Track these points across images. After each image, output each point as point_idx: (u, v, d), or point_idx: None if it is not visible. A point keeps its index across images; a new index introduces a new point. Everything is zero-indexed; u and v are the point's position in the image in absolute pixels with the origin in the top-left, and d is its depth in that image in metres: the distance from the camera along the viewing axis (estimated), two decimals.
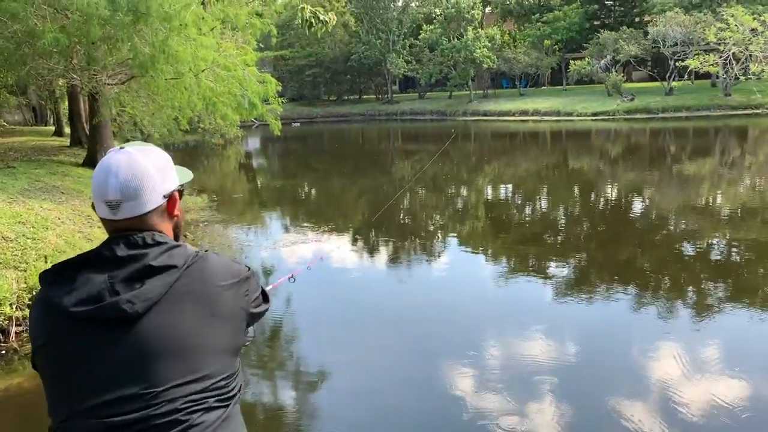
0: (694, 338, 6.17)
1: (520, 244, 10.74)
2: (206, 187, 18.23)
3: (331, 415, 4.94)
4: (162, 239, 1.45)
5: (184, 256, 1.45)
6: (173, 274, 1.41)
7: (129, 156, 1.47)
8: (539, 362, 5.69)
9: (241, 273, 1.58)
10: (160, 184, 1.49)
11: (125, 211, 1.44)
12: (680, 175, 18.42)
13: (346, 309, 7.32)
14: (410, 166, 24.16)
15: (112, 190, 1.42)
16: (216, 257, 1.57)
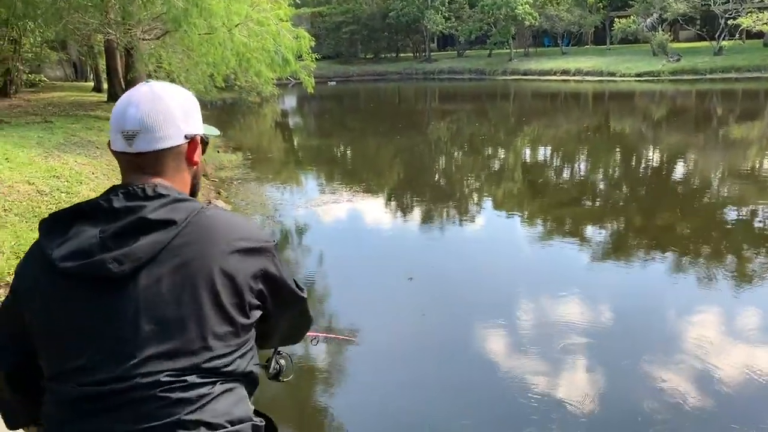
0: (733, 306, 6.00)
1: (558, 207, 10.54)
2: (242, 144, 18.27)
3: (361, 378, 4.89)
4: (166, 191, 1.29)
5: (188, 210, 1.28)
6: (170, 231, 1.25)
7: (152, 89, 1.36)
8: (574, 326, 5.60)
9: (260, 238, 1.37)
10: (182, 122, 1.36)
11: (141, 143, 1.31)
12: (726, 139, 17.79)
13: (380, 270, 7.25)
14: (446, 127, 23.82)
15: (131, 121, 1.31)
16: (227, 214, 1.41)
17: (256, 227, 1.40)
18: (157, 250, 1.24)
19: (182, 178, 1.40)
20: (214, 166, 12.77)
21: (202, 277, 1.26)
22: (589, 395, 4.36)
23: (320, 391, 4.70)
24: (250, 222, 1.41)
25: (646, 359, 4.83)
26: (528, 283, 6.80)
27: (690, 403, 4.22)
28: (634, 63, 41.07)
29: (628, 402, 4.26)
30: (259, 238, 1.37)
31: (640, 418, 4.00)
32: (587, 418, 4.04)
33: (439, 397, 4.48)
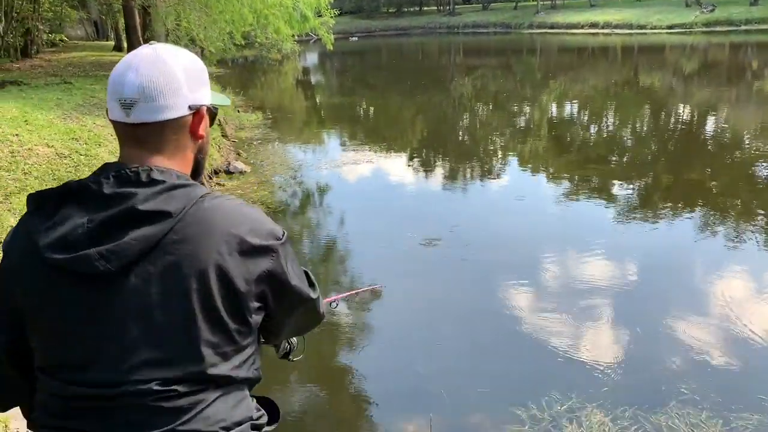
0: (757, 263, 5.91)
1: (584, 164, 10.34)
2: (263, 103, 18.15)
3: (378, 338, 4.84)
4: (161, 176, 1.14)
5: (185, 199, 1.14)
6: (163, 224, 1.11)
7: (155, 51, 1.20)
8: (600, 284, 5.55)
9: (266, 234, 1.21)
10: (187, 90, 1.21)
11: (140, 112, 1.16)
12: (760, 93, 17.22)
13: (402, 229, 7.15)
14: (471, 83, 23.40)
15: (129, 87, 1.15)
16: (230, 204, 1.21)
17: (263, 220, 1.24)
18: (148, 246, 1.11)
19: (184, 155, 1.25)
20: (234, 126, 12.68)
21: (196, 280, 1.12)
22: (613, 357, 4.27)
23: (337, 349, 4.66)
24: (257, 213, 1.25)
25: (673, 320, 4.70)
26: (554, 241, 6.65)
27: (716, 367, 4.11)
28: (666, 14, 39.80)
29: (653, 365, 4.15)
30: (265, 234, 1.21)
31: (664, 386, 3.90)
32: (610, 381, 3.95)
33: (459, 357, 4.42)
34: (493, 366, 4.31)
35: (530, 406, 3.73)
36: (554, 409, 3.70)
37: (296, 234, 7.51)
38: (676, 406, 3.68)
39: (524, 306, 5.15)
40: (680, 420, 3.56)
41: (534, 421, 3.63)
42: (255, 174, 9.30)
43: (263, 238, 1.20)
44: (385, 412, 3.96)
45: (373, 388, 4.18)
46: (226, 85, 19.70)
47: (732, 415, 3.59)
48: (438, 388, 4.00)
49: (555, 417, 3.65)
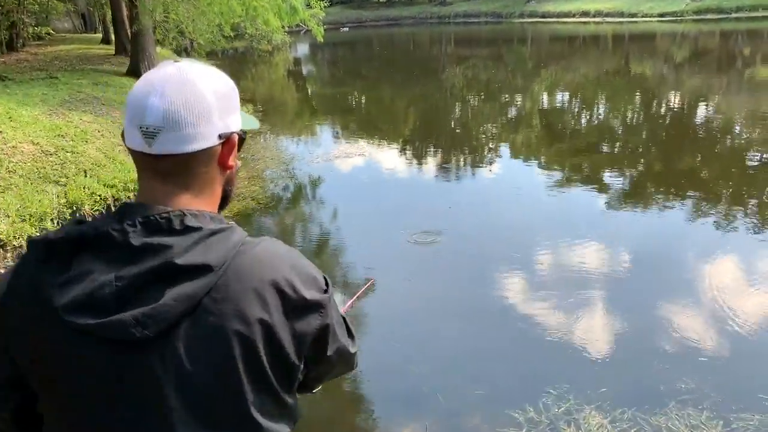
0: (753, 253, 5.94)
1: (576, 153, 10.41)
2: (253, 95, 17.98)
3: (377, 334, 4.76)
4: (196, 222, 1.01)
5: (226, 248, 1.01)
6: (206, 279, 0.98)
7: (182, 72, 1.04)
8: (591, 271, 5.60)
9: (319, 282, 1.10)
10: (218, 117, 1.05)
11: (165, 143, 1.01)
12: (751, 81, 17.22)
13: (396, 221, 7.07)
14: (462, 73, 23.28)
15: (152, 114, 1.01)
16: (273, 248, 1.08)
17: (308, 268, 1.11)
18: (190, 306, 0.97)
19: (213, 190, 1.11)
20: None
21: (242, 344, 1.00)
22: (611, 357, 4.21)
23: None
24: (299, 259, 1.11)
25: (671, 318, 4.64)
26: (547, 232, 6.61)
27: (715, 366, 4.06)
28: (656, 3, 39.74)
29: (652, 365, 4.08)
30: (312, 285, 1.08)
31: (663, 386, 3.84)
32: (609, 381, 3.89)
33: (455, 357, 4.35)
34: (490, 366, 4.24)
35: (527, 409, 3.67)
36: (552, 412, 3.63)
37: (288, 228, 7.43)
38: (675, 406, 3.62)
39: (520, 304, 5.08)
40: (680, 421, 3.50)
41: (531, 424, 3.56)
42: (245, 168, 9.18)
43: (311, 290, 1.07)
44: (379, 415, 3.88)
45: (366, 389, 4.09)
46: None
47: (732, 415, 3.53)
48: (433, 389, 3.93)
49: (553, 420, 3.58)
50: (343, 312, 1.90)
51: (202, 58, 24.40)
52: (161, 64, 1.09)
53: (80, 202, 6.25)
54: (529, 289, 5.33)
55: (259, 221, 7.36)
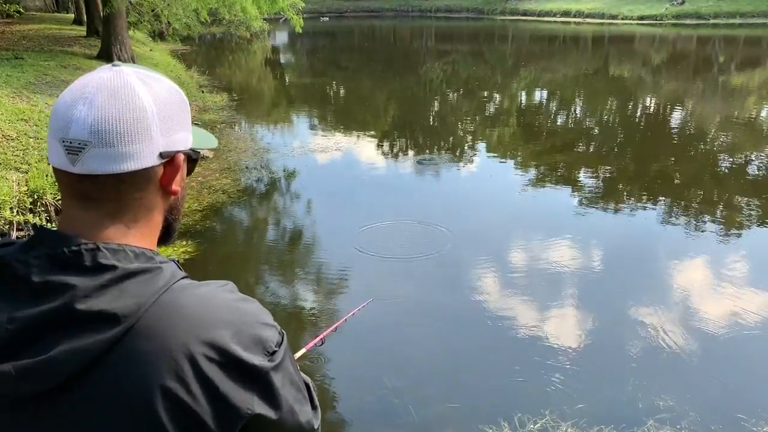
0: (722, 253, 6.11)
1: (552, 152, 10.44)
2: (230, 83, 17.64)
3: (348, 344, 4.59)
4: (112, 259, 0.83)
5: (143, 294, 0.82)
6: (108, 332, 0.79)
7: (120, 78, 0.87)
8: (566, 267, 5.68)
9: (263, 341, 0.87)
10: (158, 132, 0.88)
11: (91, 161, 0.84)
12: (725, 87, 17.38)
13: (372, 218, 6.91)
14: (442, 69, 23.14)
15: (78, 126, 0.83)
16: (207, 293, 0.88)
17: (256, 329, 0.87)
18: (85, 364, 0.78)
19: (149, 219, 0.93)
20: (197, 108, 12.22)
21: (145, 421, 0.79)
22: (588, 372, 4.11)
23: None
24: (246, 315, 0.88)
25: (651, 334, 4.55)
26: (524, 234, 6.64)
27: (695, 383, 3.98)
28: (637, 5, 40.02)
29: (630, 380, 3.98)
30: (258, 349, 0.86)
31: (641, 403, 3.74)
32: (585, 397, 3.78)
33: (428, 369, 4.21)
34: (464, 379, 4.09)
35: (502, 425, 3.54)
36: (527, 428, 3.51)
37: (261, 225, 7.23)
38: (653, 425, 3.52)
39: (496, 315, 4.93)
40: None
41: None
42: (218, 160, 8.93)
43: (251, 354, 0.84)
44: (348, 428, 3.73)
45: (337, 401, 3.94)
46: (191, 64, 19.12)
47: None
48: (406, 402, 3.78)
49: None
50: (319, 339, 1.65)
51: (178, 43, 23.96)
52: (99, 68, 0.90)
53: (42, 190, 5.99)
54: (504, 299, 5.19)
55: (230, 215, 7.14)
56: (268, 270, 5.93)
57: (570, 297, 5.14)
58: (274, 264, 6.09)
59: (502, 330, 4.65)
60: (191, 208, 6.85)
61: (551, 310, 4.92)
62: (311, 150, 10.03)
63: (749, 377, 4.12)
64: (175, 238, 1.03)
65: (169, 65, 15.73)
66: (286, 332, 0.95)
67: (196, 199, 7.15)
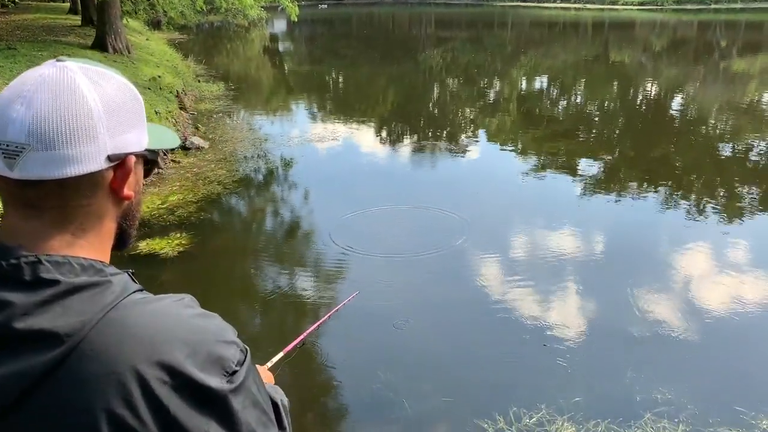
0: (723, 239, 6.09)
1: (552, 138, 10.40)
2: (227, 72, 17.52)
3: (341, 336, 4.54)
4: (54, 273, 0.76)
5: (87, 311, 0.75)
6: (49, 352, 0.73)
7: (63, 74, 0.79)
8: (565, 256, 5.67)
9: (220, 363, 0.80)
10: (106, 133, 0.80)
11: (30, 165, 0.77)
12: (726, 72, 17.25)
13: (371, 202, 6.86)
14: (441, 56, 22.98)
15: (15, 127, 0.77)
16: (161, 308, 0.82)
17: (214, 347, 0.80)
18: (23, 388, 0.72)
19: (99, 227, 0.85)
20: (194, 98, 12.11)
21: None
22: (585, 364, 4.05)
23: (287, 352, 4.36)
24: (205, 334, 0.81)
25: (648, 326, 4.50)
26: (523, 221, 6.62)
27: (692, 376, 3.93)
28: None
29: (627, 373, 3.92)
30: (216, 369, 0.79)
31: (639, 396, 3.68)
32: (582, 390, 3.73)
33: (423, 361, 4.15)
34: (459, 373, 4.03)
35: (497, 418, 3.49)
36: (523, 422, 3.46)
37: (257, 216, 7.17)
38: (651, 419, 3.47)
39: (492, 306, 4.85)
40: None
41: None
42: (213, 150, 8.85)
43: (207, 375, 0.77)
44: (342, 421, 3.69)
45: (330, 394, 3.89)
46: (188, 53, 18.96)
47: (709, 429, 3.39)
48: (400, 396, 3.72)
49: (523, 431, 3.41)
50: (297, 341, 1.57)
51: (175, 32, 23.81)
52: (42, 64, 0.83)
53: None
54: (500, 290, 5.13)
55: (226, 206, 7.07)
56: (262, 261, 5.86)
57: (567, 288, 5.08)
58: (268, 255, 6.02)
59: (498, 323, 4.59)
60: (186, 200, 6.78)
61: (548, 301, 4.86)
62: (309, 139, 9.95)
63: (748, 369, 4.06)
64: (131, 245, 0.95)
65: (165, 54, 15.61)
66: (279, 324, 0.88)
67: (191, 191, 7.08)
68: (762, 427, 3.41)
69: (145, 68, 12.12)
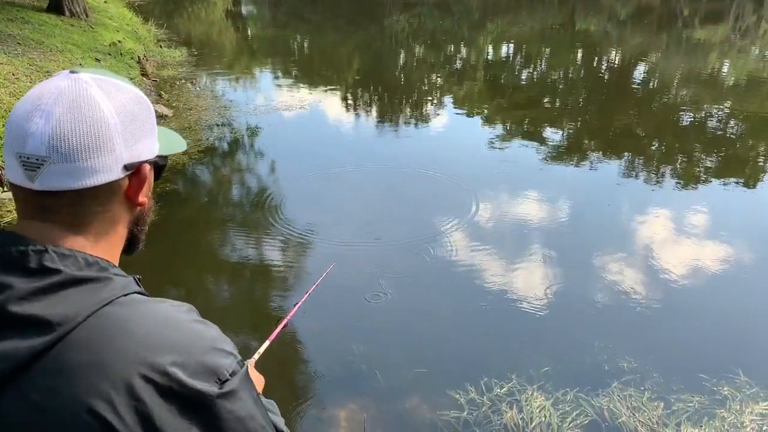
0: (682, 206, 6.29)
1: (515, 107, 10.45)
2: (189, 37, 17.07)
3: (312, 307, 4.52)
4: (59, 263, 0.78)
5: (84, 303, 0.76)
6: (38, 338, 0.73)
7: (78, 86, 0.82)
8: (528, 224, 5.76)
9: (214, 372, 0.80)
10: (122, 144, 0.84)
11: (50, 178, 0.80)
12: (689, 41, 17.48)
13: (338, 177, 6.81)
14: (408, 22, 22.75)
15: (35, 140, 0.79)
16: (157, 309, 0.82)
17: (207, 355, 0.80)
18: (9, 368, 0.72)
19: (113, 232, 0.88)
20: (156, 63, 11.77)
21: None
22: (554, 334, 4.14)
23: (257, 323, 4.34)
24: (200, 340, 0.82)
25: (614, 294, 4.60)
26: (483, 181, 6.76)
27: (658, 344, 4.04)
28: None
29: (595, 343, 4.01)
30: (208, 376, 0.79)
31: (607, 366, 3.78)
32: (551, 360, 3.81)
33: (395, 332, 4.19)
34: (432, 345, 4.07)
35: (469, 389, 3.55)
36: (494, 392, 3.53)
37: (224, 185, 7.06)
38: (617, 387, 3.57)
39: (461, 278, 4.89)
40: (621, 403, 3.45)
41: (473, 405, 3.45)
42: (177, 119, 8.66)
43: (198, 381, 0.77)
44: (313, 393, 3.69)
45: (301, 366, 3.90)
46: (148, 16, 18.41)
47: (673, 396, 3.51)
48: (372, 368, 3.76)
49: (494, 401, 3.48)
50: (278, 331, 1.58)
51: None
52: (55, 75, 0.85)
53: None
54: (468, 261, 5.15)
55: (192, 176, 6.96)
56: (230, 232, 5.79)
57: (535, 259, 5.14)
58: (237, 226, 5.94)
59: (468, 295, 4.64)
60: None
61: (515, 272, 4.93)
62: (275, 107, 9.79)
63: (710, 336, 4.20)
64: (140, 249, 0.99)
65: (125, 18, 15.13)
66: (249, 298, 0.90)
67: None
68: (723, 393, 3.54)
69: (105, 33, 11.74)
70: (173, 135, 1.03)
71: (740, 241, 5.46)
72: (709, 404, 3.46)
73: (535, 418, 3.35)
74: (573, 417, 3.36)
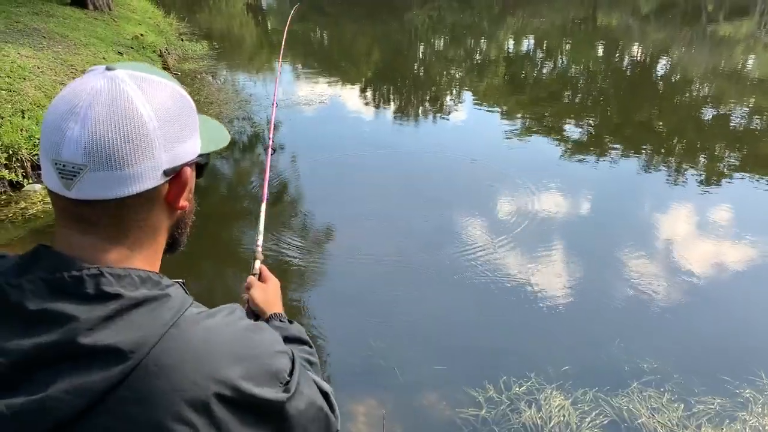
0: (705, 203, 6.23)
1: (536, 101, 10.34)
2: (210, 31, 17.14)
3: (330, 299, 4.56)
4: (116, 286, 0.76)
5: (150, 325, 0.76)
6: (113, 368, 0.72)
7: (115, 87, 0.78)
8: (549, 221, 5.73)
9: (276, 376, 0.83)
10: (163, 149, 0.80)
11: (87, 187, 0.77)
12: (713, 37, 17.23)
13: (358, 168, 6.83)
14: (428, 15, 22.67)
15: (71, 147, 0.75)
16: (217, 324, 0.82)
17: (266, 361, 0.83)
18: (88, 403, 0.71)
19: (154, 240, 0.86)
20: (177, 57, 11.83)
21: None
22: (574, 333, 4.13)
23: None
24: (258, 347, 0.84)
25: (636, 294, 4.56)
26: (503, 174, 6.78)
27: (679, 345, 4.01)
28: None
29: (615, 342, 3.99)
30: (272, 381, 0.82)
31: (626, 366, 3.76)
32: (571, 359, 3.80)
33: (414, 328, 4.19)
34: (451, 341, 4.07)
35: (487, 387, 3.55)
36: (513, 391, 3.53)
37: (243, 178, 7.10)
38: (637, 387, 3.55)
39: (481, 274, 4.86)
40: (641, 404, 3.43)
41: (491, 404, 3.45)
42: (198, 112, 8.69)
43: (264, 388, 0.80)
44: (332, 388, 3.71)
45: (321, 364, 3.91)
46: (170, 9, 18.51)
47: (693, 398, 3.48)
48: (391, 363, 3.77)
49: (513, 400, 3.47)
50: None
51: None
52: (90, 71, 0.81)
53: (17, 145, 5.82)
54: (489, 257, 5.12)
55: (211, 169, 7.00)
56: (249, 227, 5.82)
57: (556, 255, 5.11)
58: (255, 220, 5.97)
59: (488, 291, 4.62)
60: None
61: (537, 270, 4.89)
62: (295, 102, 9.81)
63: (732, 337, 4.15)
64: (181, 250, 0.97)
65: (147, 11, 15.21)
66: None
67: None
68: (745, 396, 3.51)
69: (127, 26, 11.81)
70: (216, 128, 0.98)
71: (765, 239, 5.39)
72: (731, 407, 3.43)
73: (554, 417, 3.34)
74: (592, 417, 3.35)
